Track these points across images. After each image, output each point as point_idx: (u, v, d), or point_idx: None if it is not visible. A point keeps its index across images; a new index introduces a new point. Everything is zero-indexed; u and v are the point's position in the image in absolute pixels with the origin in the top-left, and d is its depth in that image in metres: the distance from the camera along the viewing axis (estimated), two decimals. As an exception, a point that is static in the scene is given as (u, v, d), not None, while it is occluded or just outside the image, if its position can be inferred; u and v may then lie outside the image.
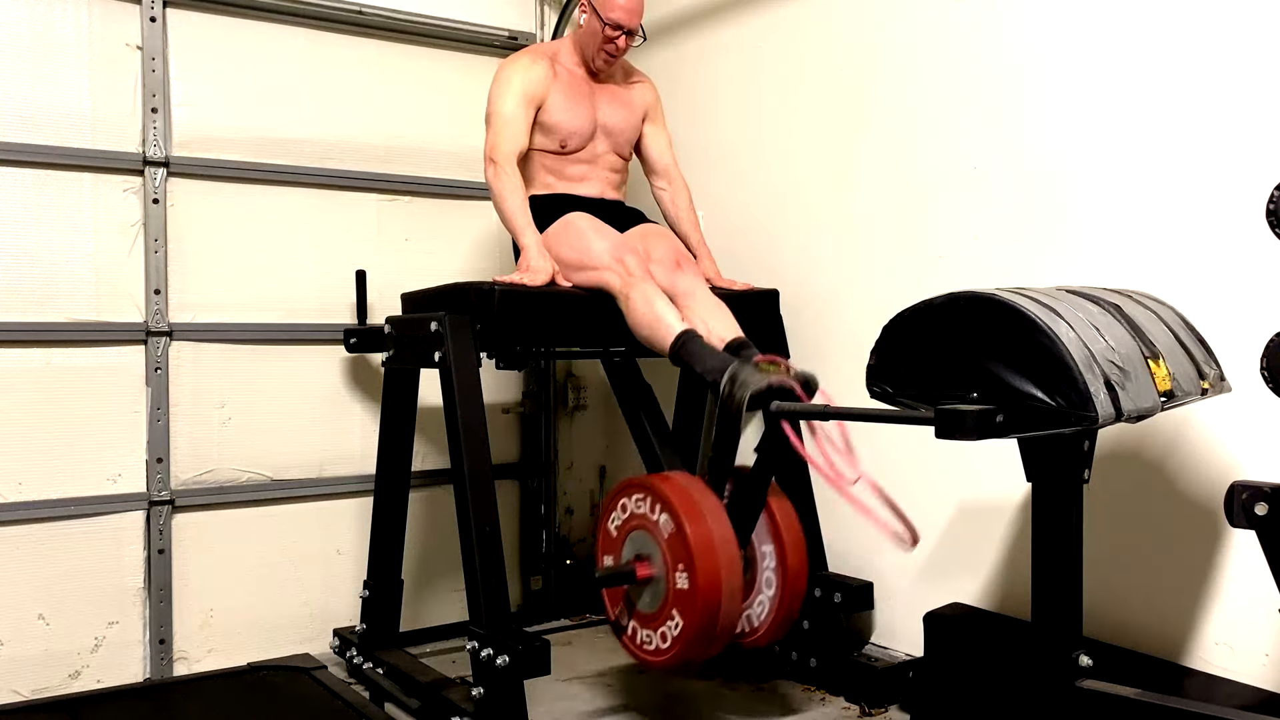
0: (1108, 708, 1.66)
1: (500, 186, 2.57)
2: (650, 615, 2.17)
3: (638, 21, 2.68)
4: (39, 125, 2.64)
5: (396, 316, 2.65)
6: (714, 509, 2.13)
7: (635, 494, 2.21)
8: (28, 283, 2.63)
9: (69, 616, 2.67)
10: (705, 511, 2.10)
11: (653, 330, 2.35)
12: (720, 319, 2.44)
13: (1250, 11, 1.95)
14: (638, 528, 2.20)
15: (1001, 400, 1.54)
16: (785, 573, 2.30)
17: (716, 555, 2.06)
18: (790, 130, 2.90)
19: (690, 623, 2.07)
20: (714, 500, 2.16)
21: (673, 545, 2.09)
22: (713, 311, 2.47)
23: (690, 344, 2.28)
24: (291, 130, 3.00)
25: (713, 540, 2.07)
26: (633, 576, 2.17)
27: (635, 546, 2.20)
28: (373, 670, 2.66)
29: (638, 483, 2.22)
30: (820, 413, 2.06)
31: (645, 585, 2.17)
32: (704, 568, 2.05)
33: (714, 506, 2.14)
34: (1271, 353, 1.49)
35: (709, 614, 2.06)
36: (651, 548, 2.15)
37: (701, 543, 2.06)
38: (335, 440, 3.05)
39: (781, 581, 2.31)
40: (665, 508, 2.11)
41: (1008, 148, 2.36)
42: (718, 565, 2.06)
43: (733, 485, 2.28)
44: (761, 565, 2.35)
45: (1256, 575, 1.88)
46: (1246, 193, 1.95)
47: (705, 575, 2.04)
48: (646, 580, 2.16)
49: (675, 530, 2.08)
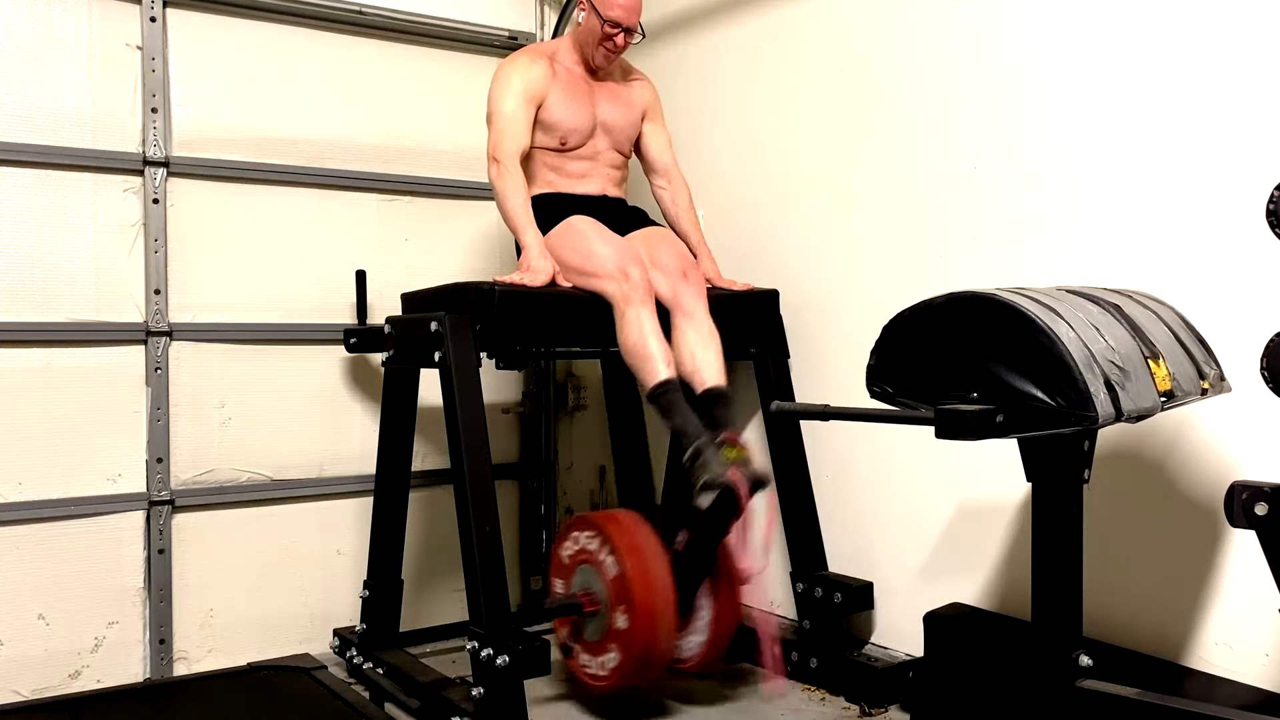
0: (1108, 708, 1.66)
1: (503, 185, 2.58)
2: (593, 644, 2.41)
3: (636, 19, 2.68)
4: (39, 125, 2.64)
5: (396, 316, 2.66)
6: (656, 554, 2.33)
7: (586, 530, 2.43)
8: (28, 283, 2.63)
9: (69, 616, 2.67)
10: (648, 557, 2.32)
11: (638, 362, 2.41)
12: (709, 358, 2.46)
13: (1250, 11, 1.95)
14: (586, 562, 2.42)
15: (1001, 400, 1.54)
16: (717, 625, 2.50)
17: (654, 600, 2.28)
18: (790, 130, 2.90)
19: (627, 658, 2.32)
20: (656, 546, 2.35)
21: (615, 587, 2.32)
22: (705, 343, 2.48)
23: (668, 397, 2.36)
24: (291, 130, 3.00)
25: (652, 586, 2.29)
26: (579, 609, 2.40)
27: (583, 579, 2.43)
28: (373, 670, 2.66)
29: (589, 519, 2.44)
30: (820, 413, 2.06)
31: (590, 617, 2.40)
32: (642, 611, 2.27)
33: (656, 552, 2.34)
34: (1271, 353, 1.49)
35: (644, 651, 2.30)
36: (597, 584, 2.38)
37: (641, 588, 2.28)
38: (335, 440, 3.05)
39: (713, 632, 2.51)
40: (612, 550, 2.33)
41: (1008, 148, 2.36)
42: (654, 610, 2.28)
43: (687, 536, 2.42)
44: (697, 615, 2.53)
45: (1256, 575, 1.88)
46: (1246, 193, 1.95)
47: (643, 619, 2.28)
48: (591, 614, 2.39)
49: (618, 574, 2.31)
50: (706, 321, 2.52)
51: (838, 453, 2.75)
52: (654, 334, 2.41)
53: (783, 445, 2.76)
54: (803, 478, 2.76)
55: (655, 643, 2.31)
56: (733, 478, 2.21)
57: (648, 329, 2.41)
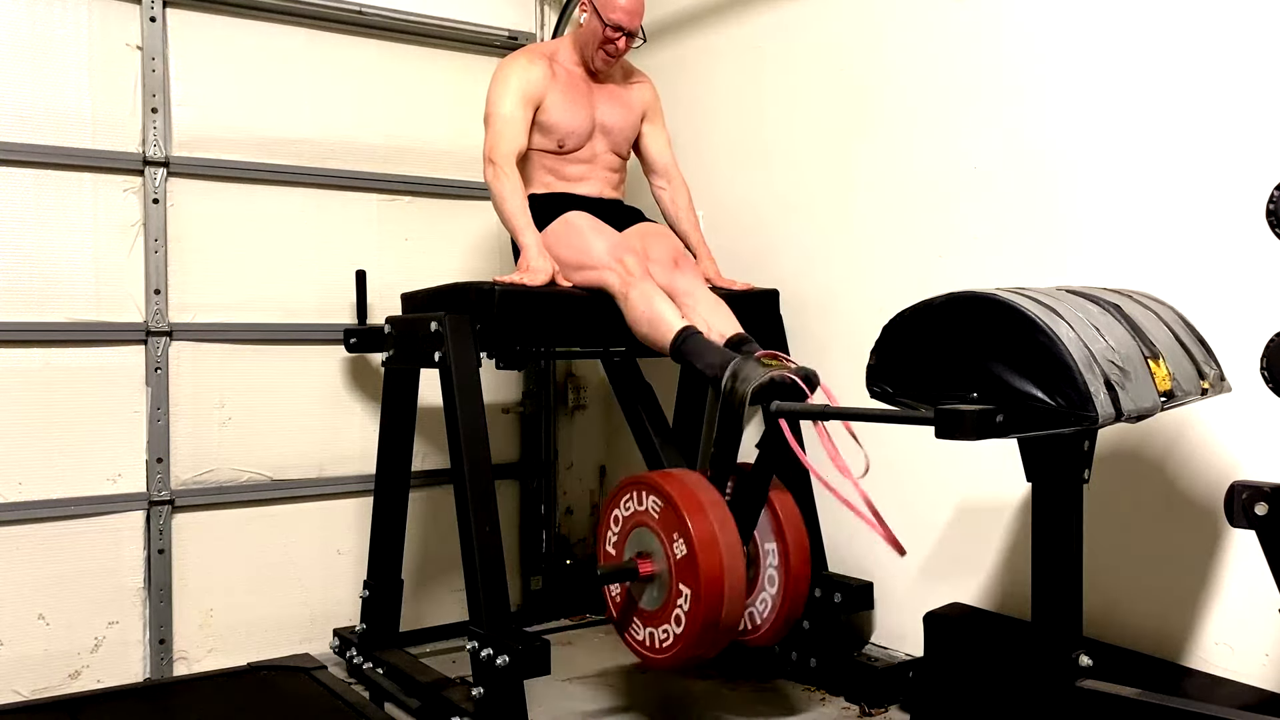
0: (1108, 708, 1.66)
1: (500, 187, 2.57)
2: (653, 613, 2.17)
3: (638, 23, 2.68)
4: (39, 125, 2.64)
5: (396, 316, 2.65)
6: (716, 504, 2.13)
7: (639, 490, 2.21)
8: (28, 283, 2.63)
9: (69, 616, 2.67)
10: (707, 506, 2.11)
11: (653, 327, 2.35)
12: (720, 316, 2.45)
13: (1250, 11, 1.95)
14: (642, 524, 2.20)
15: (1001, 400, 1.54)
16: (788, 570, 2.31)
17: (720, 551, 2.06)
18: (790, 130, 2.90)
19: (692, 626, 2.07)
20: (716, 495, 2.16)
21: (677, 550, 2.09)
22: (713, 309, 2.47)
23: (691, 340, 2.28)
24: (291, 130, 3.00)
25: (715, 535, 2.07)
26: (635, 573, 2.17)
27: (639, 542, 2.21)
28: (373, 670, 2.66)
29: (641, 480, 2.22)
30: (820, 413, 2.06)
31: (648, 582, 2.17)
32: (707, 564, 2.04)
33: (716, 501, 2.14)
34: (1271, 353, 1.49)
35: (713, 610, 2.06)
36: (655, 547, 2.16)
37: (705, 538, 2.06)
38: (335, 440, 3.05)
39: (784, 579, 2.31)
40: (673, 510, 2.11)
41: (1008, 148, 2.36)
42: (721, 562, 2.06)
43: (735, 482, 2.28)
44: (765, 563, 2.35)
45: (1256, 575, 1.88)
46: (1246, 193, 1.95)
47: (708, 572, 2.04)
48: (649, 577, 2.16)
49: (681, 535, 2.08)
50: (709, 294, 2.52)
51: (838, 453, 2.75)
52: (661, 297, 2.39)
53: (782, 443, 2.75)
54: (803, 477, 2.75)
55: (723, 609, 2.08)
56: (779, 376, 2.10)
57: (654, 296, 2.39)
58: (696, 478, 2.22)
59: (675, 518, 2.10)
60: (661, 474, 2.24)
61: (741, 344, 2.33)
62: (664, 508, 2.14)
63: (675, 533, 2.10)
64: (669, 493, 2.12)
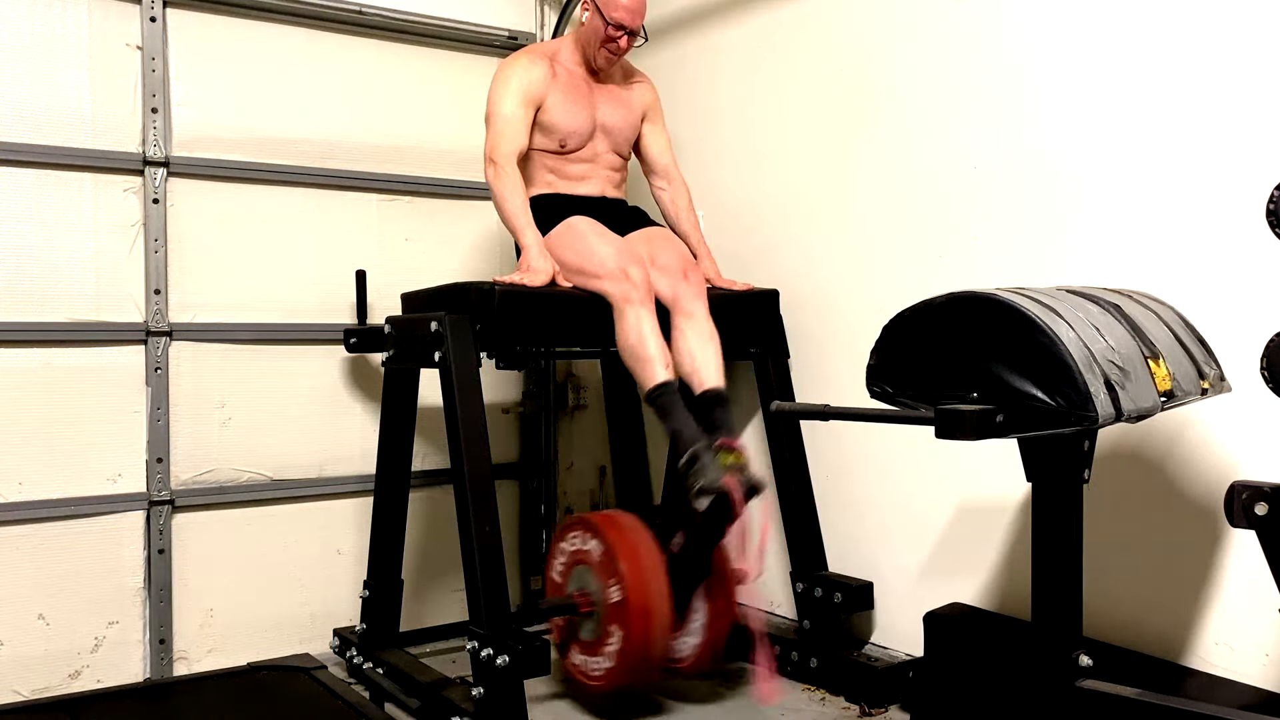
0: (1108, 708, 1.66)
1: (500, 187, 2.57)
2: (589, 644, 2.44)
3: (640, 22, 2.68)
4: (39, 125, 2.64)
5: (396, 316, 2.66)
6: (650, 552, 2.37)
7: (583, 531, 2.46)
8: (28, 283, 2.63)
9: (69, 616, 2.67)
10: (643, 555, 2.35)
11: (637, 363, 2.41)
12: (708, 356, 2.46)
13: (1250, 11, 1.95)
14: (582, 563, 2.44)
15: (1001, 400, 1.54)
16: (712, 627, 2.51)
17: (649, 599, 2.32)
18: (790, 130, 2.90)
19: (622, 658, 2.33)
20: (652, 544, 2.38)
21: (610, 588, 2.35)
22: (703, 344, 2.48)
23: (666, 399, 2.37)
24: (291, 130, 3.00)
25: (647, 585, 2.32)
26: (575, 609, 2.43)
27: (580, 580, 2.46)
28: (373, 670, 2.66)
29: (587, 521, 2.46)
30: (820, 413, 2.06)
31: (586, 617, 2.43)
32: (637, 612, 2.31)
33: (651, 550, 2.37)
34: (1271, 353, 1.49)
35: (639, 652, 2.32)
36: (593, 585, 2.41)
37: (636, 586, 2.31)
38: (335, 440, 3.05)
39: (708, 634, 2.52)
40: (608, 552, 2.37)
41: (1008, 147, 2.36)
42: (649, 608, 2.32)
43: (683, 538, 2.43)
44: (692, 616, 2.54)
45: (1256, 575, 1.88)
46: (1246, 193, 1.95)
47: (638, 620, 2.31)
48: (588, 613, 2.42)
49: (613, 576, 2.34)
50: (706, 322, 2.52)
51: (838, 452, 2.75)
52: (653, 335, 2.41)
53: (783, 445, 2.76)
54: (803, 478, 2.76)
55: (650, 643, 2.33)
56: (728, 484, 2.22)
57: (647, 330, 2.41)
58: (638, 527, 2.42)
59: (612, 565, 2.34)
60: (606, 519, 2.46)
61: (713, 407, 2.40)
62: (604, 552, 2.38)
63: (611, 579, 2.34)
64: (610, 541, 2.37)
